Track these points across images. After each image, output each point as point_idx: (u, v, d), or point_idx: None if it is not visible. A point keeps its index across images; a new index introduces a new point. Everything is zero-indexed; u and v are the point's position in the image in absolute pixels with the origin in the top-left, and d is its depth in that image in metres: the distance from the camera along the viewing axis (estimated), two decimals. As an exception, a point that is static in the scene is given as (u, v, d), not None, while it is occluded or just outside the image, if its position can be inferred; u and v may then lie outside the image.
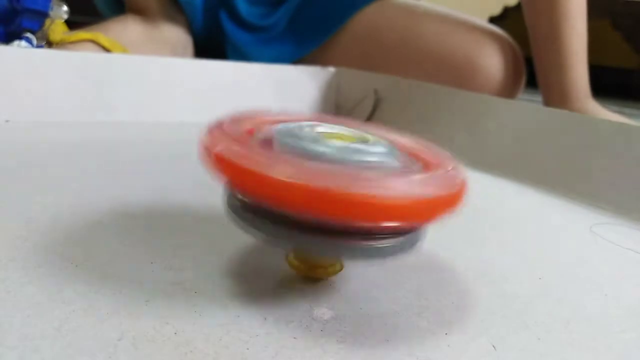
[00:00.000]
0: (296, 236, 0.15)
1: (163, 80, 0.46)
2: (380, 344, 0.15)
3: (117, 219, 0.23)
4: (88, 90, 0.42)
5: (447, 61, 0.64)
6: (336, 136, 0.17)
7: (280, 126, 0.18)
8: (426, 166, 0.18)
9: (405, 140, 0.20)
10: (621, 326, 0.18)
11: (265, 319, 0.16)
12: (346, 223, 0.15)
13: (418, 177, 0.16)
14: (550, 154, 0.37)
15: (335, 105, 0.56)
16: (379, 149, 0.17)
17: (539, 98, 0.65)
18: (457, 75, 0.63)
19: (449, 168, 0.17)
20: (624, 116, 0.59)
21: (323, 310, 0.17)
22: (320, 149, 0.16)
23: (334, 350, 0.15)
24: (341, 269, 0.19)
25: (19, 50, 0.41)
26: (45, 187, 0.26)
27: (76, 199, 0.24)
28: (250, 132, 0.18)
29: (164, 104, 0.45)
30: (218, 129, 0.17)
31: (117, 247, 0.20)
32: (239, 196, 0.17)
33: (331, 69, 0.56)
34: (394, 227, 0.16)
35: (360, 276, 0.20)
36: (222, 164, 0.15)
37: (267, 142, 0.17)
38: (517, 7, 1.66)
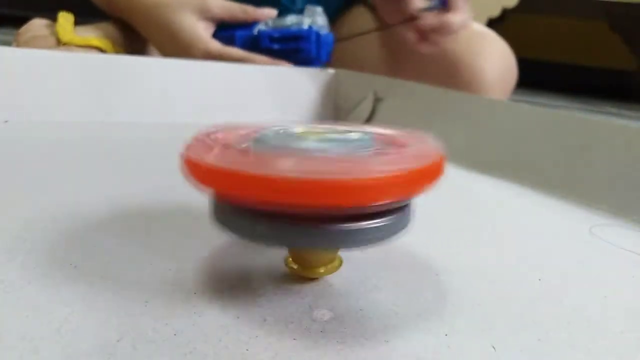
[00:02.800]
0: (287, 232, 0.15)
1: (163, 81, 0.46)
2: (380, 344, 0.15)
3: (117, 220, 0.23)
4: (88, 90, 0.42)
5: (440, 62, 0.65)
6: (310, 133, 0.18)
7: (256, 135, 0.18)
8: (401, 147, 0.18)
9: (383, 130, 0.20)
10: (621, 327, 0.18)
11: (265, 319, 0.16)
12: (325, 209, 0.15)
13: (390, 155, 0.16)
14: (549, 155, 0.37)
15: (334, 107, 0.56)
16: (356, 141, 0.17)
17: (537, 99, 0.65)
18: (449, 75, 0.64)
19: (421, 143, 0.17)
20: (624, 119, 0.59)
21: (323, 311, 0.17)
22: (295, 145, 0.16)
23: (333, 351, 0.15)
24: (340, 265, 0.19)
25: (18, 51, 0.41)
26: (44, 188, 0.26)
27: (76, 199, 0.24)
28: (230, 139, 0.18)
29: (164, 104, 0.45)
30: (197, 143, 0.17)
31: (116, 248, 0.20)
32: (224, 203, 0.17)
33: (330, 71, 0.56)
34: (381, 206, 0.16)
35: (360, 277, 0.20)
36: (207, 172, 0.15)
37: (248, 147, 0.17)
38: (516, 10, 1.66)
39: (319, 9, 0.59)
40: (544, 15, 1.92)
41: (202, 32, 0.56)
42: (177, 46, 0.57)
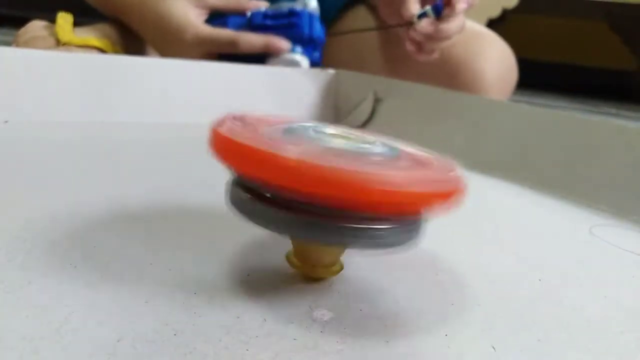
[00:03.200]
0: (299, 222, 0.15)
1: (163, 81, 0.46)
2: (380, 344, 0.15)
3: (117, 219, 0.23)
4: (88, 90, 0.42)
5: (440, 63, 0.65)
6: (340, 137, 0.18)
7: (285, 126, 0.18)
8: (428, 167, 0.18)
9: (407, 147, 0.20)
10: (620, 327, 0.18)
11: (265, 319, 0.16)
12: (350, 204, 0.15)
13: (419, 170, 0.16)
14: (549, 155, 0.37)
15: (334, 107, 0.56)
16: (382, 149, 0.17)
17: (537, 99, 0.65)
18: (449, 76, 0.64)
19: (450, 169, 0.17)
20: (624, 119, 0.59)
21: (323, 311, 0.17)
22: (325, 143, 0.16)
23: (334, 351, 0.15)
24: (341, 269, 0.19)
25: (18, 51, 0.41)
26: (44, 188, 0.26)
27: (76, 200, 0.24)
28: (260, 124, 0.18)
29: (164, 104, 0.45)
30: (227, 121, 0.17)
31: (116, 248, 0.20)
32: (246, 184, 0.17)
33: (330, 71, 0.56)
34: (395, 215, 0.16)
35: (360, 277, 0.20)
36: (231, 146, 0.15)
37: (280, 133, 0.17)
38: (517, 10, 1.66)
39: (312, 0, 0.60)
40: (544, 15, 1.92)
41: (194, 18, 0.57)
42: (169, 34, 0.57)
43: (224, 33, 0.56)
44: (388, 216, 0.16)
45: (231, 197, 0.17)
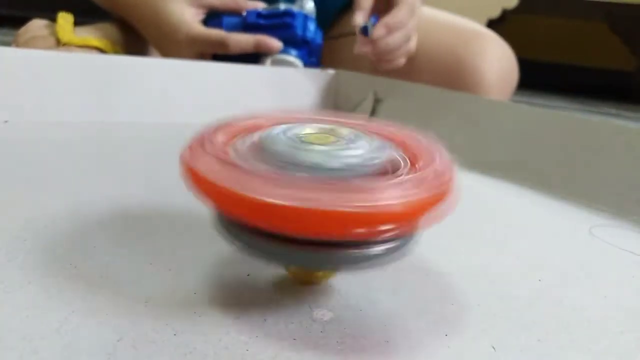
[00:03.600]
0: (287, 253, 0.15)
1: (163, 81, 0.46)
2: (380, 345, 0.15)
3: (117, 220, 0.23)
4: (88, 90, 0.42)
5: (440, 63, 0.65)
6: (317, 140, 0.17)
7: (270, 129, 0.17)
8: (413, 160, 0.18)
9: (394, 130, 0.20)
10: (620, 327, 0.18)
11: (265, 320, 0.16)
12: (328, 237, 0.15)
13: (402, 181, 0.15)
14: (549, 155, 0.37)
15: (334, 107, 0.56)
16: (361, 151, 0.16)
17: (537, 100, 0.65)
18: (449, 76, 0.64)
19: (436, 164, 0.17)
20: (623, 119, 0.59)
21: (323, 312, 0.17)
22: (302, 157, 0.15)
23: (334, 351, 0.15)
24: (336, 272, 0.19)
25: (18, 51, 0.41)
26: (44, 188, 0.26)
27: (75, 200, 0.24)
28: (234, 137, 0.18)
29: (164, 104, 0.45)
30: (199, 143, 0.16)
31: (116, 248, 0.20)
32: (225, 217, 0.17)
33: (330, 71, 0.56)
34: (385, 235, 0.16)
35: (360, 278, 0.20)
36: (204, 185, 0.15)
37: (253, 149, 0.17)
38: (517, 11, 1.66)
39: (308, 1, 0.60)
40: (544, 16, 1.92)
41: (189, 17, 0.57)
42: (165, 33, 0.57)
43: (214, 33, 0.56)
44: (378, 239, 0.16)
45: (218, 224, 0.17)
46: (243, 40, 0.55)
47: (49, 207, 0.23)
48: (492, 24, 1.54)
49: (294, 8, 0.59)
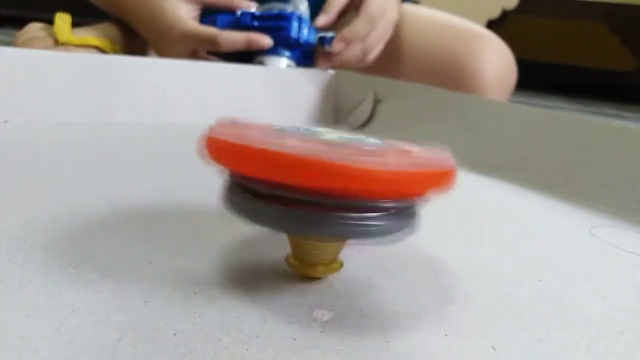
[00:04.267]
0: (295, 215, 0.15)
1: (163, 80, 0.46)
2: (380, 345, 0.15)
3: (117, 219, 0.23)
4: (88, 90, 0.42)
5: (439, 63, 0.65)
6: (331, 133, 0.18)
7: (277, 127, 0.18)
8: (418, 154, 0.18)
9: (398, 141, 0.20)
10: (620, 328, 0.18)
11: (265, 319, 0.16)
12: (344, 191, 0.15)
13: (411, 156, 0.16)
14: (549, 156, 0.37)
15: (334, 107, 0.56)
16: (374, 141, 0.18)
17: (537, 100, 0.65)
18: (448, 77, 0.64)
19: (440, 154, 0.18)
20: (623, 120, 0.59)
21: (323, 311, 0.17)
22: (320, 135, 0.17)
23: (334, 351, 0.15)
24: (340, 267, 0.19)
25: (18, 51, 0.41)
26: (44, 187, 0.26)
27: (75, 199, 0.24)
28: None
29: (164, 104, 0.45)
30: (218, 126, 0.17)
31: (116, 248, 0.20)
32: (239, 184, 0.17)
33: (330, 71, 0.56)
34: (393, 200, 0.16)
35: (360, 277, 0.20)
36: (226, 145, 0.16)
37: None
38: (516, 11, 1.66)
39: (303, 1, 0.60)
40: (544, 16, 1.92)
41: (184, 14, 0.57)
42: (160, 30, 0.57)
43: (206, 30, 0.56)
44: (384, 202, 0.16)
45: (226, 197, 0.17)
46: (234, 38, 0.56)
47: (49, 207, 0.23)
48: (491, 25, 1.54)
49: (288, 8, 0.59)
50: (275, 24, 0.58)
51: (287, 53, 0.58)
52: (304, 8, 0.60)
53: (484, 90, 0.63)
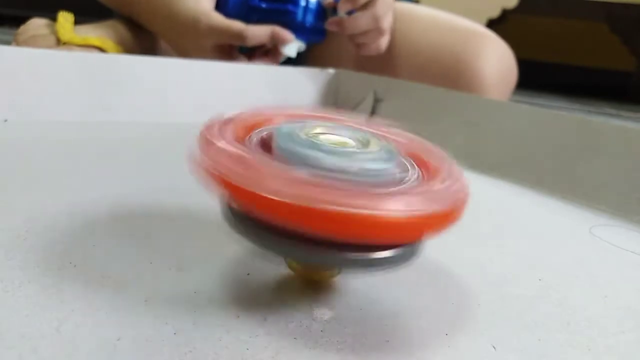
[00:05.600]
0: (290, 247, 0.15)
1: (163, 80, 0.46)
2: (380, 344, 0.15)
3: (117, 219, 0.23)
4: (87, 90, 0.42)
5: (439, 62, 0.65)
6: (336, 141, 0.17)
7: (281, 126, 0.17)
8: (426, 173, 0.18)
9: (407, 140, 0.20)
10: (621, 327, 0.18)
11: (265, 319, 0.16)
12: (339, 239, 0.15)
13: (415, 194, 0.15)
14: (549, 155, 0.37)
15: (334, 107, 0.56)
16: (377, 155, 0.16)
17: (537, 100, 0.65)
18: (449, 76, 0.64)
19: (450, 181, 0.17)
20: (623, 119, 0.59)
21: (323, 311, 0.17)
22: (318, 155, 0.15)
23: (334, 350, 0.15)
24: (340, 272, 0.19)
25: (18, 50, 0.41)
26: (44, 187, 0.26)
27: (75, 199, 0.24)
28: (250, 130, 0.18)
29: (164, 104, 0.45)
30: (209, 133, 0.17)
31: (116, 247, 0.20)
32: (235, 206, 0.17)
33: (330, 71, 0.56)
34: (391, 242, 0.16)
35: (360, 277, 0.20)
36: (213, 177, 0.15)
37: (266, 143, 0.17)
38: (516, 11, 1.66)
39: None
40: (544, 16, 1.92)
41: (207, 5, 0.57)
42: (181, 25, 0.57)
43: (234, 25, 0.56)
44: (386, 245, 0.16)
45: (230, 219, 0.17)
46: (259, 32, 0.56)
47: (49, 206, 0.23)
48: (492, 24, 1.54)
49: None
50: (282, 7, 0.59)
51: (295, 37, 0.59)
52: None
53: (485, 90, 0.63)
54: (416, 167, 0.18)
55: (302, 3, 0.59)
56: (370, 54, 0.63)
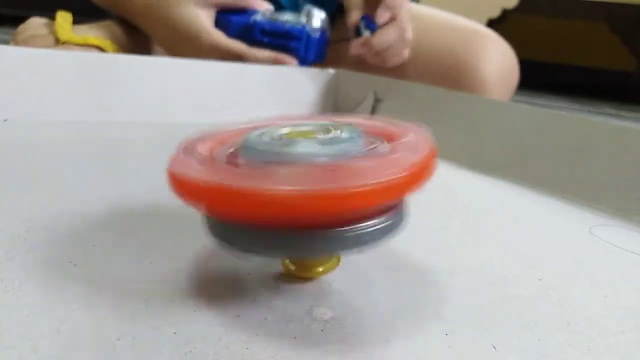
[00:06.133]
0: (283, 243, 0.15)
1: (162, 80, 0.46)
2: (380, 344, 0.15)
3: (117, 219, 0.23)
4: (87, 90, 0.42)
5: (440, 62, 0.65)
6: (299, 134, 0.17)
7: (243, 139, 0.17)
8: (389, 139, 0.18)
9: (372, 122, 0.20)
10: (620, 327, 0.18)
11: (265, 318, 0.16)
12: (324, 220, 0.15)
13: (381, 154, 0.15)
14: (549, 155, 0.37)
15: (334, 107, 0.56)
16: (340, 135, 0.16)
17: (537, 100, 0.65)
18: (450, 76, 0.64)
19: (410, 136, 0.17)
20: (623, 120, 0.59)
21: (323, 310, 0.17)
22: (282, 149, 0.16)
23: (334, 350, 0.15)
24: (338, 263, 0.19)
25: (18, 50, 0.41)
26: (43, 187, 0.26)
27: (75, 199, 0.24)
28: (215, 148, 0.18)
29: (164, 104, 0.45)
30: (183, 154, 0.17)
31: (116, 248, 0.20)
32: (213, 219, 0.16)
33: (330, 71, 0.56)
34: (375, 210, 0.16)
35: (360, 277, 0.20)
36: (191, 188, 0.15)
37: (233, 156, 0.17)
38: (517, 10, 1.66)
39: (317, 11, 0.60)
40: (544, 16, 1.92)
41: (206, 22, 0.57)
42: (182, 40, 0.57)
43: (235, 46, 0.56)
44: (372, 213, 0.16)
45: (208, 229, 0.17)
46: (262, 56, 0.56)
47: (49, 206, 0.23)
48: (492, 24, 1.54)
49: (301, 20, 0.59)
50: (284, 43, 0.58)
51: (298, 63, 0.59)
52: (318, 22, 0.59)
53: (486, 90, 0.63)
54: (385, 142, 0.18)
55: (304, 38, 0.58)
56: (395, 65, 0.62)
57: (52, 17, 0.57)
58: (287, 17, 0.59)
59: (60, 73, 0.41)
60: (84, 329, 0.15)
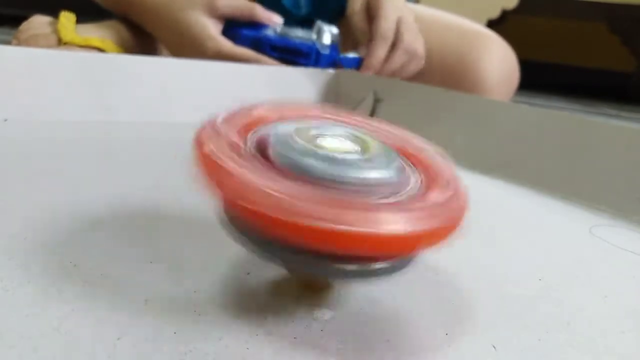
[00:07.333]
0: (286, 256, 0.15)
1: (162, 80, 0.46)
2: (381, 344, 0.15)
3: (116, 219, 0.23)
4: (87, 90, 0.42)
5: (441, 63, 0.65)
6: (334, 148, 0.16)
7: (278, 128, 0.17)
8: (427, 181, 0.17)
9: (409, 141, 0.20)
10: (621, 327, 0.18)
11: (266, 318, 0.16)
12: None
13: (414, 209, 0.15)
14: (549, 155, 0.37)
15: (334, 107, 0.56)
16: (377, 162, 0.16)
17: (537, 100, 0.65)
18: (451, 76, 0.64)
19: (449, 191, 0.17)
20: (623, 120, 0.59)
21: (323, 310, 0.17)
22: (316, 164, 0.15)
23: (334, 350, 0.15)
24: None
25: (18, 50, 0.41)
26: (43, 187, 0.26)
27: (75, 199, 0.24)
28: (248, 129, 0.18)
29: (164, 104, 0.45)
30: (210, 131, 0.16)
31: (116, 247, 0.20)
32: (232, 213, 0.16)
33: (330, 71, 0.56)
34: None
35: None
36: (213, 177, 0.15)
37: (263, 145, 0.17)
38: (516, 11, 1.66)
39: (327, 27, 0.59)
40: (544, 16, 1.92)
41: (212, 30, 0.57)
42: (187, 45, 0.57)
43: (245, 54, 0.56)
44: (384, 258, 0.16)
45: (227, 227, 0.17)
46: (266, 64, 0.56)
47: (49, 206, 0.23)
48: (492, 25, 1.54)
49: (312, 37, 0.58)
50: (293, 59, 0.58)
51: None
52: (328, 38, 0.59)
53: (487, 91, 0.63)
54: (416, 171, 0.18)
55: (313, 55, 0.58)
56: (410, 76, 0.63)
57: (55, 16, 0.57)
58: (297, 32, 0.59)
59: (60, 73, 0.41)
60: (84, 328, 0.15)
